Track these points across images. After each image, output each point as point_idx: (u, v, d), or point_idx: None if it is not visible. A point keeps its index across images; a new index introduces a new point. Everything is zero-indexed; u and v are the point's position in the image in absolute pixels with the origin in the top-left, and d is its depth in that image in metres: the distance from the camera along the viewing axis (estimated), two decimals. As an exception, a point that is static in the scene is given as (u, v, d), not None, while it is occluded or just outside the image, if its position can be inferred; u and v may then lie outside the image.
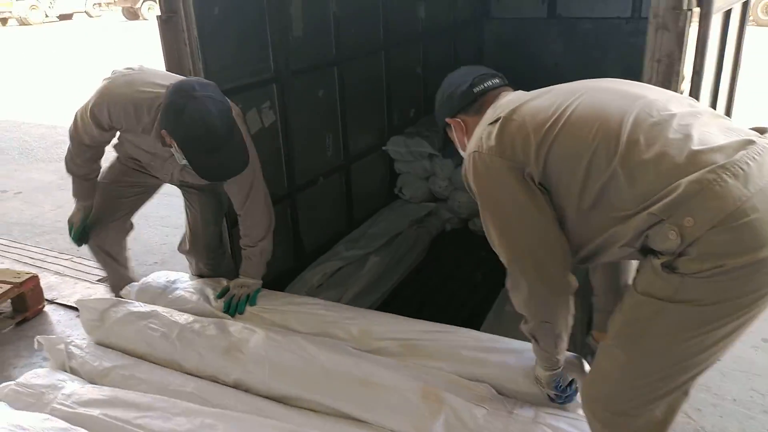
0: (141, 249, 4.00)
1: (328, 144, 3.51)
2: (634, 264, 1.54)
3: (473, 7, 5.09)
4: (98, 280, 3.35)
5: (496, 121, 1.46)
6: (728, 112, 2.93)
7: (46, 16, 23.82)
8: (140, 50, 14.03)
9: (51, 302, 3.12)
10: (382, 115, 4.00)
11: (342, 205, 3.76)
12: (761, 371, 2.53)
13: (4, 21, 22.90)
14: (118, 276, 2.71)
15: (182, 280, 2.51)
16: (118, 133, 2.32)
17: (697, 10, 1.71)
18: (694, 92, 1.83)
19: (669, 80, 1.74)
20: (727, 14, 2.14)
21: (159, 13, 2.40)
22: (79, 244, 2.57)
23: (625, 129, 1.30)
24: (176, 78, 2.15)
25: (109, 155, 2.51)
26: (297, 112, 3.17)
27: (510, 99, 1.55)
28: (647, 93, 1.41)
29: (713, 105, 2.48)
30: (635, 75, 1.73)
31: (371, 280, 3.25)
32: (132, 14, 24.89)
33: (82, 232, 2.50)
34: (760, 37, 12.87)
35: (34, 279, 2.96)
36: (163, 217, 4.57)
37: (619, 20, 4.78)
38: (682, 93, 1.76)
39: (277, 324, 2.15)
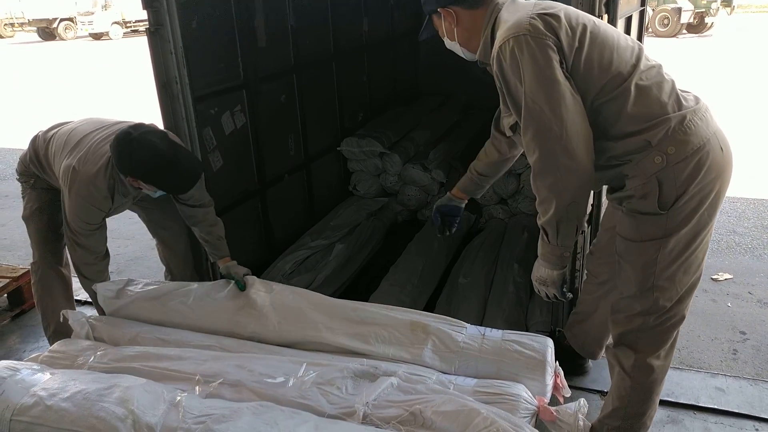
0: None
1: (290, 144, 3.84)
2: None
3: (408, 21, 5.55)
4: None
5: (545, 14, 1.60)
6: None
7: (-47, 37, 22.80)
8: (61, 73, 13.69)
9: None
10: (335, 118, 4.37)
11: (305, 201, 4.09)
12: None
13: None
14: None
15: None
16: None
17: (605, 16, 2.20)
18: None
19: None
20: (629, 20, 2.66)
21: (148, 26, 2.68)
22: None
23: (637, 62, 1.64)
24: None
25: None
26: (264, 115, 3.49)
27: (545, 3, 1.69)
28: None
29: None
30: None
31: (338, 265, 3.59)
32: (48, 34, 24.08)
33: None
34: (658, 46, 14.22)
35: (30, 273, 3.06)
36: (112, 230, 4.66)
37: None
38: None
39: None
